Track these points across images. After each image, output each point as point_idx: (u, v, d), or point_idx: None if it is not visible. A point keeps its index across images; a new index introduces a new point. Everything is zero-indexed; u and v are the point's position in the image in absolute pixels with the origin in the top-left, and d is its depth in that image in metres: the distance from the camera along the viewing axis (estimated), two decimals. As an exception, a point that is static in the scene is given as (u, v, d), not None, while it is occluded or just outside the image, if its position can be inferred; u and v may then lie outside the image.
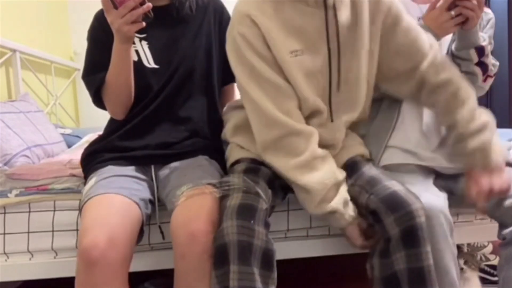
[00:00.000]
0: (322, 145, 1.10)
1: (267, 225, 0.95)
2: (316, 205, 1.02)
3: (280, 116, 1.04)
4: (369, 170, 1.08)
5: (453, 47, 1.26)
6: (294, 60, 1.05)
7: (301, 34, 1.06)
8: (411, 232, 0.94)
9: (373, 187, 1.01)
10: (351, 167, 1.12)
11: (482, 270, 1.58)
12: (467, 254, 1.53)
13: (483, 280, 1.56)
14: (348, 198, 1.05)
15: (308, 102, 1.08)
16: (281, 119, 1.04)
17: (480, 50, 1.21)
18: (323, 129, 1.11)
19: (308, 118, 1.11)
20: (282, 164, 1.05)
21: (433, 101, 1.14)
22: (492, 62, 1.30)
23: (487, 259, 1.64)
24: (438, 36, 1.19)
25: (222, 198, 0.99)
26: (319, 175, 1.03)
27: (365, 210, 1.02)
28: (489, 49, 1.25)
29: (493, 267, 1.58)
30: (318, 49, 1.07)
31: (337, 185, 1.04)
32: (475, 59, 1.22)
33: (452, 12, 1.13)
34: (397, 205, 0.96)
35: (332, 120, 1.12)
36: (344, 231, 1.07)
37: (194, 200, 0.98)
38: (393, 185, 1.00)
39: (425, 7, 1.26)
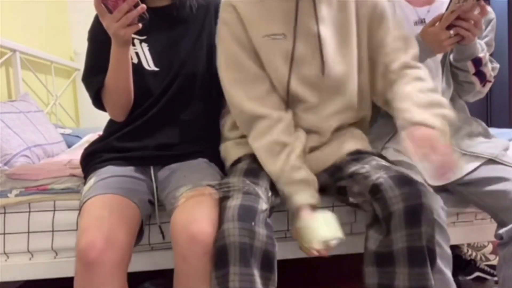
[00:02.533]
0: (307, 129, 1.13)
1: (268, 226, 0.95)
2: (275, 181, 1.08)
3: (245, 104, 1.10)
4: (381, 158, 1.10)
5: (451, 57, 1.27)
6: (272, 43, 1.09)
7: (284, 19, 1.10)
8: (415, 210, 0.93)
9: (386, 169, 1.01)
10: (355, 157, 1.12)
11: (482, 270, 1.58)
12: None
13: (483, 280, 1.56)
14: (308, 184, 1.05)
15: (285, 87, 1.10)
16: (246, 107, 1.10)
17: (477, 62, 1.22)
18: (310, 114, 1.13)
19: (291, 103, 1.14)
20: (254, 147, 1.11)
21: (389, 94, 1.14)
22: (492, 66, 1.30)
23: (487, 259, 1.64)
24: (433, 52, 1.20)
25: (222, 199, 0.99)
26: (277, 164, 1.06)
27: (367, 190, 1.00)
28: (487, 57, 1.25)
29: (493, 267, 1.58)
30: (303, 35, 1.10)
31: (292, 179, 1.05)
32: (472, 70, 1.24)
33: (451, 32, 1.14)
34: (405, 182, 0.96)
35: (317, 106, 1.13)
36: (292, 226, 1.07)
37: (194, 202, 0.98)
38: (404, 170, 1.01)
39: (421, 10, 1.26)
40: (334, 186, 1.14)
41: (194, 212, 0.95)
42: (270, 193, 1.05)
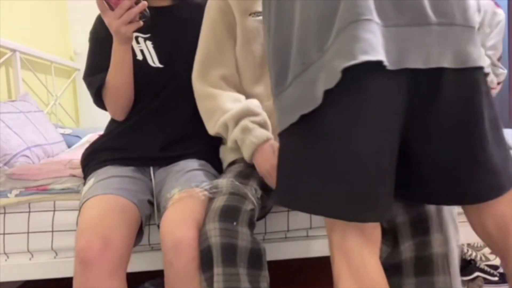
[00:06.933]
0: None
1: (252, 226, 0.95)
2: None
3: (198, 84, 1.13)
4: None
5: None
6: (256, 20, 1.12)
7: None
8: (420, 219, 0.92)
9: None
10: None
11: (482, 270, 1.58)
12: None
13: (483, 280, 1.56)
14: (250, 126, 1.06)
15: (247, 68, 1.14)
16: (198, 87, 1.13)
17: None
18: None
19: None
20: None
21: None
22: (497, 72, 1.28)
23: (487, 259, 1.64)
24: None
25: (210, 201, 0.99)
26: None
27: None
28: (486, 63, 1.23)
29: (493, 267, 1.58)
30: None
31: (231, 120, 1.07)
32: None
33: None
34: None
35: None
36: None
37: (182, 205, 0.99)
38: None
39: None
40: None
41: (180, 216, 0.95)
42: (260, 194, 1.04)
